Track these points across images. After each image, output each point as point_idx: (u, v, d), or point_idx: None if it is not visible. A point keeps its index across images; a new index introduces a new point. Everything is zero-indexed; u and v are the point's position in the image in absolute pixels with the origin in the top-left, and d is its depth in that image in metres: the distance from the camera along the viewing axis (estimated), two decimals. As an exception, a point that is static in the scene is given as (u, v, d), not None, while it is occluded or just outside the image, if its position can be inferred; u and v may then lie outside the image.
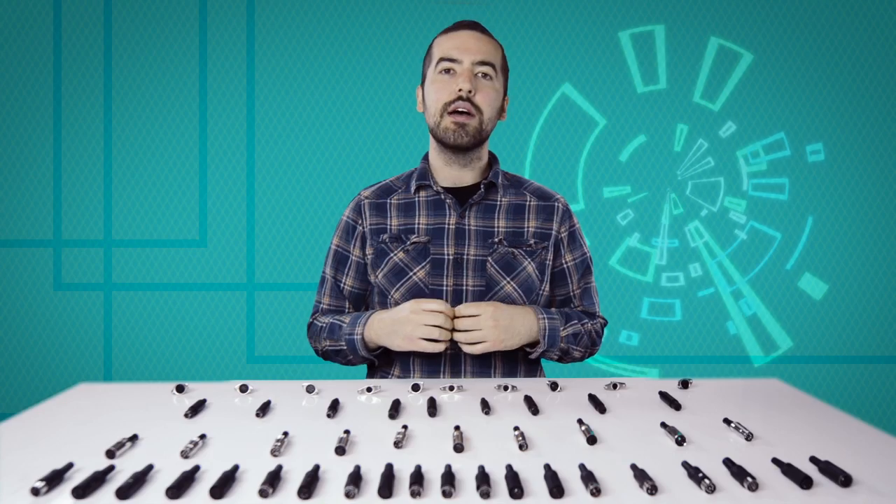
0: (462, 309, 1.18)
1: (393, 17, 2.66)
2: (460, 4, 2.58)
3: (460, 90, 1.23)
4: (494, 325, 1.17)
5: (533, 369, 1.35)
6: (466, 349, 1.18)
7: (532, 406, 0.97)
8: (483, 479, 0.68)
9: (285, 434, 0.83)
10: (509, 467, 0.71)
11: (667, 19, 2.67)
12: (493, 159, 1.39)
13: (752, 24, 2.65)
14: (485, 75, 1.26)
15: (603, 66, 2.68)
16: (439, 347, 1.16)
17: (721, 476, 0.72)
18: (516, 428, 0.85)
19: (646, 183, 2.69)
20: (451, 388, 1.10)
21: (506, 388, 1.10)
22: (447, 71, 1.26)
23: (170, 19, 2.63)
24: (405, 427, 0.86)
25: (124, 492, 0.66)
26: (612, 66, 2.69)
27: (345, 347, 1.28)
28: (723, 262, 2.67)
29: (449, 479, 0.68)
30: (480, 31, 1.29)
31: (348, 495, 0.66)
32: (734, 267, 2.68)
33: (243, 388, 1.08)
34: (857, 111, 2.66)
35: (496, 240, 1.30)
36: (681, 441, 0.83)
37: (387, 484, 0.67)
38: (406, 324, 1.16)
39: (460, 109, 1.24)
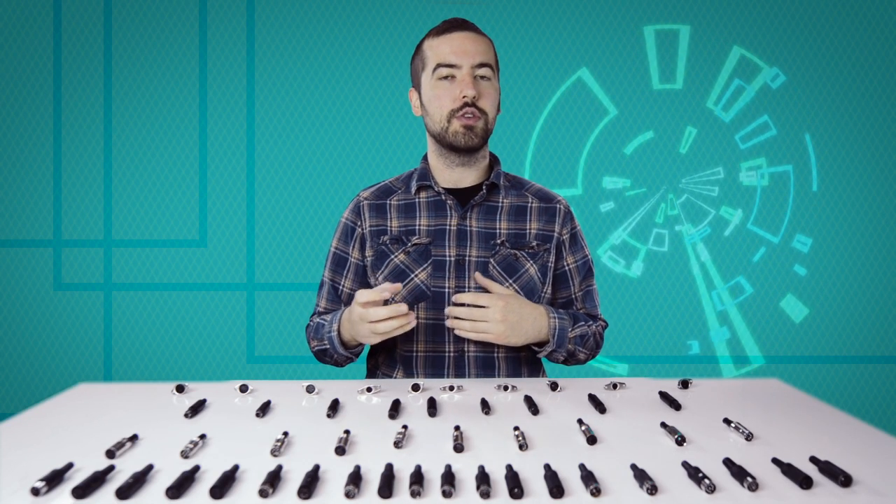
0: (473, 298, 1.17)
1: (394, 17, 2.66)
2: (461, 4, 2.58)
3: (465, 97, 1.22)
4: (502, 319, 1.15)
5: (536, 371, 1.34)
6: (470, 336, 1.17)
7: (532, 406, 0.97)
8: (483, 479, 0.68)
9: (285, 434, 0.83)
10: (509, 467, 0.71)
11: (693, 20, 2.66)
12: (493, 160, 1.38)
13: (777, 39, 2.65)
14: (483, 77, 1.25)
15: (623, 58, 2.68)
16: (410, 326, 1.10)
17: (721, 476, 0.72)
18: (516, 428, 0.85)
19: (646, 179, 2.69)
20: (451, 388, 1.10)
21: (506, 388, 1.10)
22: (447, 77, 1.24)
23: (170, 19, 2.63)
24: (405, 427, 0.86)
25: (124, 492, 0.66)
26: (632, 59, 2.68)
27: (328, 346, 1.27)
28: (707, 265, 2.68)
29: (449, 479, 0.68)
30: (473, 31, 1.27)
31: (348, 495, 0.66)
32: (716, 271, 2.68)
33: (243, 388, 1.08)
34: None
35: (498, 241, 1.30)
36: (681, 441, 0.83)
37: (387, 484, 0.67)
38: (360, 325, 1.11)
39: (468, 115, 1.23)
